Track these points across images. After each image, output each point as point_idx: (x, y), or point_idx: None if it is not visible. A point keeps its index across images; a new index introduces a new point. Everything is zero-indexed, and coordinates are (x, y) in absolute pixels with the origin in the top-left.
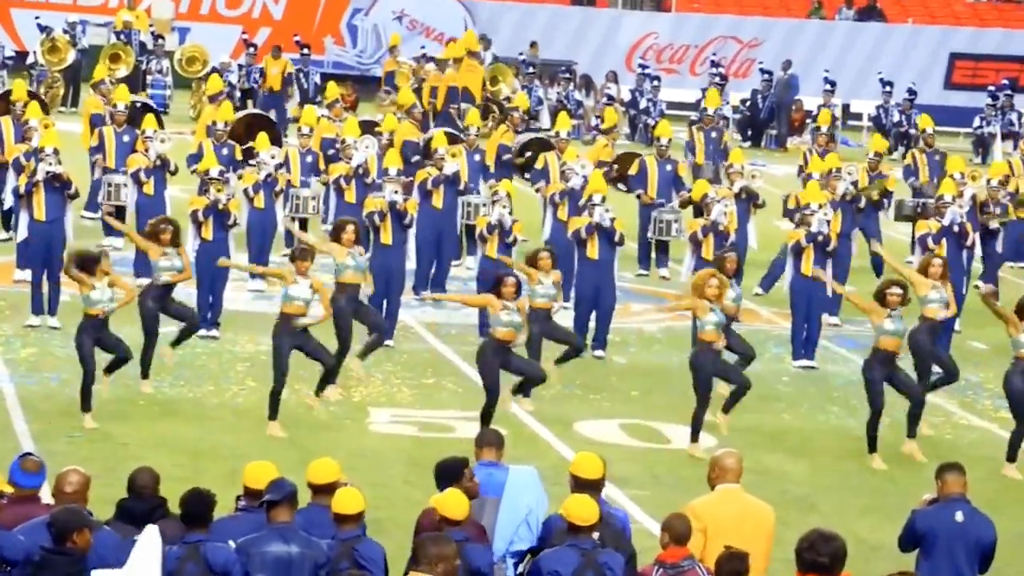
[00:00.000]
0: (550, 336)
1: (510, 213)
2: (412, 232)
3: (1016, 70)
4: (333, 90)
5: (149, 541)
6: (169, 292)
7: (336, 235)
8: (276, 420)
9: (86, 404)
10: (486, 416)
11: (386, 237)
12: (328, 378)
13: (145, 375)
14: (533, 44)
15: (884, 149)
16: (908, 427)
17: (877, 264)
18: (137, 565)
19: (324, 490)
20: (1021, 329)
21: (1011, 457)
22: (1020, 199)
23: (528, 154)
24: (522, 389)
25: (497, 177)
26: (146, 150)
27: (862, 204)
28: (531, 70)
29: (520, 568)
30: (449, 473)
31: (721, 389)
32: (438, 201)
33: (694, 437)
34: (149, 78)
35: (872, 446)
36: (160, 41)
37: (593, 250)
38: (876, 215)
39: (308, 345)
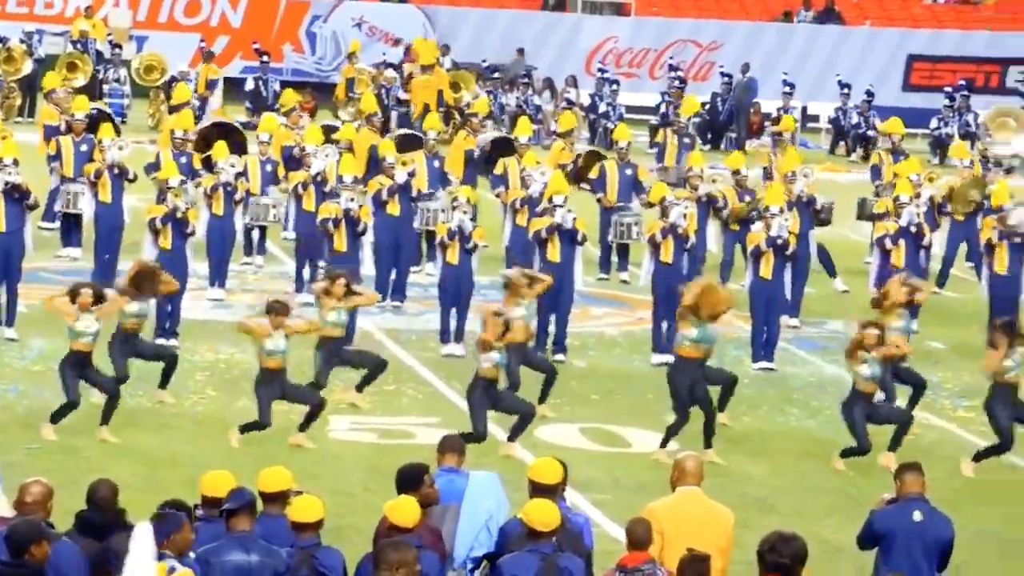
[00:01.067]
0: (529, 364)
1: (472, 219)
2: (367, 239)
3: (973, 71)
4: (290, 97)
5: (143, 541)
6: (137, 336)
7: (330, 287)
8: (241, 436)
9: (57, 420)
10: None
11: (340, 244)
12: (313, 417)
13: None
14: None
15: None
16: (892, 440)
17: (827, 264)
18: (134, 567)
19: (274, 499)
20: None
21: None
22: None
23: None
24: (517, 431)
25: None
26: (103, 159)
27: (818, 206)
28: (495, 75)
29: (477, 574)
30: (409, 480)
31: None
32: (394, 209)
33: (664, 443)
34: (106, 87)
35: (845, 457)
36: (117, 50)
37: (554, 252)
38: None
39: (290, 393)
